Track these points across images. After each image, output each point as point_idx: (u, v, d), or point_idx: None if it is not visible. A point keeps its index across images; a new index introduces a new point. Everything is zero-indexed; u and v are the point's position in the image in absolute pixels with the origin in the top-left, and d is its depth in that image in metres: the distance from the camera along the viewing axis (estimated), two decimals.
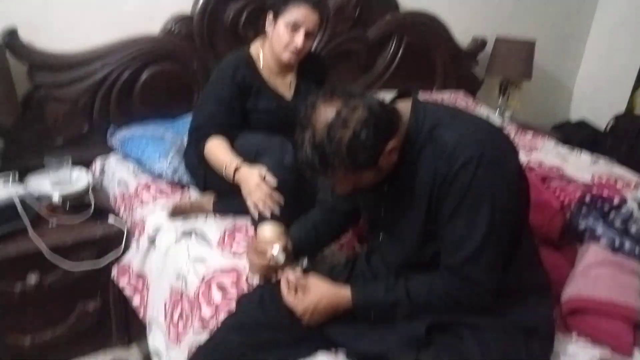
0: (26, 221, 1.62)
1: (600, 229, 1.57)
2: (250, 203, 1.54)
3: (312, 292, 1.19)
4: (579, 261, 1.52)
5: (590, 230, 1.58)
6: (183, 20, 2.19)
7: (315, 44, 2.51)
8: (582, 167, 2.29)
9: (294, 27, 1.68)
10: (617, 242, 1.56)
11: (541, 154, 2.49)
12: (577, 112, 3.87)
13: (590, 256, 1.51)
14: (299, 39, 1.69)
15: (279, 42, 1.71)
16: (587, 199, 1.65)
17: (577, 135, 3.36)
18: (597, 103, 3.70)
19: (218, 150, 1.67)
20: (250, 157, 1.62)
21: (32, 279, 1.64)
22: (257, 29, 2.18)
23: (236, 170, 1.59)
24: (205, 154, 1.69)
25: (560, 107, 3.95)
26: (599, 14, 3.67)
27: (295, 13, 1.67)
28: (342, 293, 1.19)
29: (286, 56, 1.73)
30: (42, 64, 1.94)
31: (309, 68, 1.91)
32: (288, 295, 1.21)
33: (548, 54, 3.57)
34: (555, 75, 3.77)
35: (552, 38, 3.57)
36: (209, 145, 1.68)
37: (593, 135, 3.40)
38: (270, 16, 1.74)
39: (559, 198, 1.73)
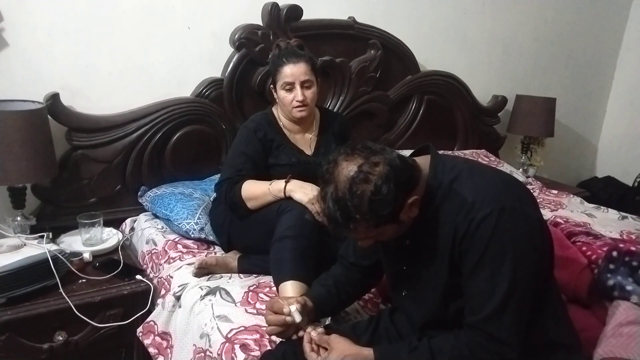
0: (57, 279, 1.66)
1: (630, 285, 1.53)
2: (310, 206, 1.62)
3: (334, 351, 1.18)
4: (609, 319, 1.47)
5: (619, 286, 1.53)
6: (213, 84, 2.29)
7: (337, 104, 2.60)
8: (610, 224, 2.26)
9: (289, 86, 1.83)
10: None
11: (567, 211, 2.46)
12: (603, 168, 3.83)
13: (621, 314, 1.46)
14: (298, 93, 1.82)
15: (284, 104, 1.85)
16: (615, 254, 1.61)
17: (604, 191, 3.33)
18: (623, 158, 3.67)
19: (255, 184, 1.77)
20: (272, 214, 1.67)
21: (61, 335, 1.66)
22: None
23: (287, 182, 1.71)
24: (242, 195, 1.75)
25: (586, 164, 3.92)
26: (619, 70, 3.71)
27: (284, 75, 1.83)
28: (364, 353, 1.18)
29: (296, 113, 1.85)
30: (79, 126, 2.03)
31: (330, 126, 2.00)
32: (310, 354, 1.20)
33: (570, 111, 3.59)
34: (578, 132, 3.77)
35: (574, 95, 3.60)
36: (244, 187, 1.76)
37: (621, 192, 3.36)
38: (271, 89, 1.91)
39: (585, 254, 1.70)
